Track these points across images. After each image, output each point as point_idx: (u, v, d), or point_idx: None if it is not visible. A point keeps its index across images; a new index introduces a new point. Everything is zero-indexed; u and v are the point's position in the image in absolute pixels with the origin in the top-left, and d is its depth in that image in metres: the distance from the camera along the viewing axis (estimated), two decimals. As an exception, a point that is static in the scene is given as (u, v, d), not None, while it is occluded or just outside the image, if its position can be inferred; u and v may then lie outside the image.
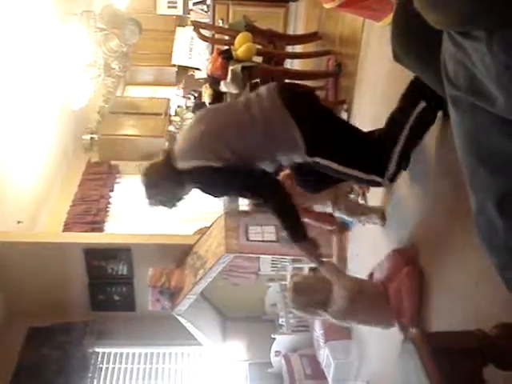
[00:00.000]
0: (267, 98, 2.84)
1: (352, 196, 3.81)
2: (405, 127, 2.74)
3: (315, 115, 2.88)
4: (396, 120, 2.79)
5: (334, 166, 2.82)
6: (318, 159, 2.81)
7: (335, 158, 2.81)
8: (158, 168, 3.05)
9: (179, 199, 3.07)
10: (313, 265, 3.82)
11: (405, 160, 2.80)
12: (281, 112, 2.77)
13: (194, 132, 2.96)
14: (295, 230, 3.02)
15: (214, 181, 2.90)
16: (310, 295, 3.14)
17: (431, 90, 2.70)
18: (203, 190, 3.02)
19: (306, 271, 5.15)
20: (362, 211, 3.64)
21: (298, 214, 2.97)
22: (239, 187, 2.99)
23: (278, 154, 2.85)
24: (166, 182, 2.98)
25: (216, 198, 3.35)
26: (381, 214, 3.54)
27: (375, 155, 2.82)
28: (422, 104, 2.71)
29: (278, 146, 2.82)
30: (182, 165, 2.91)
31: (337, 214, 4.84)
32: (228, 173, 2.83)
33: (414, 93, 2.75)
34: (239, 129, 2.84)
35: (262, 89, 2.94)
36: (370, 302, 3.11)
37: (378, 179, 2.84)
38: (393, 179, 2.83)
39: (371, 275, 3.34)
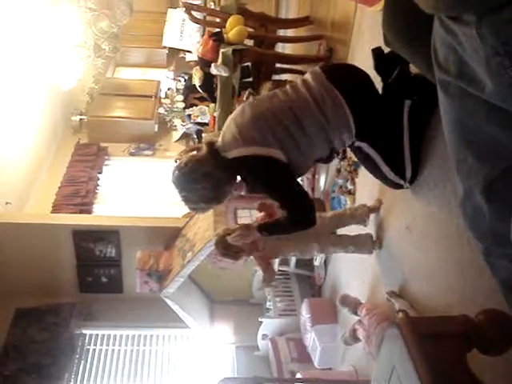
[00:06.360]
0: (313, 79, 2.72)
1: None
2: (403, 131, 2.74)
3: (366, 97, 2.73)
4: (392, 127, 2.78)
5: (376, 157, 2.80)
6: (364, 145, 2.78)
7: (381, 149, 2.78)
8: (203, 160, 2.71)
9: (225, 194, 2.81)
10: None
11: (417, 160, 2.79)
12: (329, 90, 2.65)
13: (241, 120, 2.72)
14: (271, 233, 3.01)
15: (274, 177, 2.69)
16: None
17: (409, 86, 2.73)
18: (254, 181, 2.79)
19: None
20: (350, 241, 3.46)
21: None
22: (289, 194, 2.77)
23: (331, 133, 2.69)
24: (215, 174, 2.68)
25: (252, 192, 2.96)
26: (370, 241, 3.44)
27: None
28: (407, 102, 2.72)
29: (331, 124, 2.67)
30: (235, 153, 2.67)
31: (317, 263, 4.87)
32: (288, 175, 2.70)
33: (394, 95, 2.75)
34: (293, 111, 2.66)
35: (307, 74, 2.80)
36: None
37: (401, 181, 2.86)
38: (412, 181, 2.85)
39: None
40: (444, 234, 2.54)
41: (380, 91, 2.85)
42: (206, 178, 2.68)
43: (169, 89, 8.95)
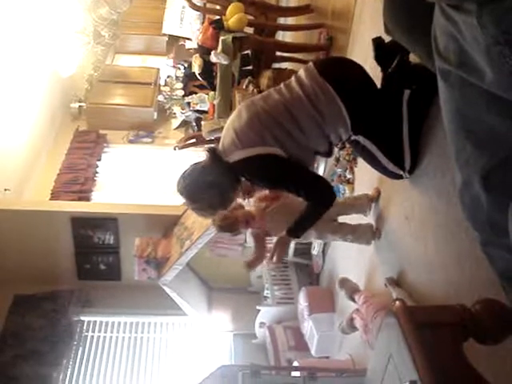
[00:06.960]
0: (306, 76, 2.70)
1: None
2: (403, 121, 2.73)
3: (359, 90, 2.72)
4: (391, 117, 2.77)
5: (374, 149, 2.79)
6: (361, 138, 2.77)
7: (378, 141, 2.78)
8: (206, 168, 2.76)
9: (231, 199, 2.87)
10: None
11: (416, 150, 2.79)
12: (322, 85, 2.64)
13: (238, 123, 2.73)
14: (303, 229, 3.04)
15: (280, 172, 2.71)
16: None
17: (408, 76, 2.72)
18: (261, 180, 2.83)
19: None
20: (349, 230, 3.47)
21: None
22: (300, 183, 2.77)
23: (326, 128, 2.70)
24: (220, 181, 2.73)
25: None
26: (370, 232, 3.45)
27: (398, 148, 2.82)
28: (407, 92, 2.71)
29: (326, 119, 2.67)
30: (236, 156, 2.70)
31: (315, 252, 4.86)
32: (293, 166, 2.71)
33: (393, 85, 2.74)
34: (288, 110, 2.66)
35: (301, 70, 2.79)
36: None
37: (400, 172, 2.85)
38: (411, 172, 2.84)
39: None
40: (442, 224, 2.54)
41: (379, 81, 2.84)
42: (211, 186, 2.74)
43: (168, 76, 8.91)
